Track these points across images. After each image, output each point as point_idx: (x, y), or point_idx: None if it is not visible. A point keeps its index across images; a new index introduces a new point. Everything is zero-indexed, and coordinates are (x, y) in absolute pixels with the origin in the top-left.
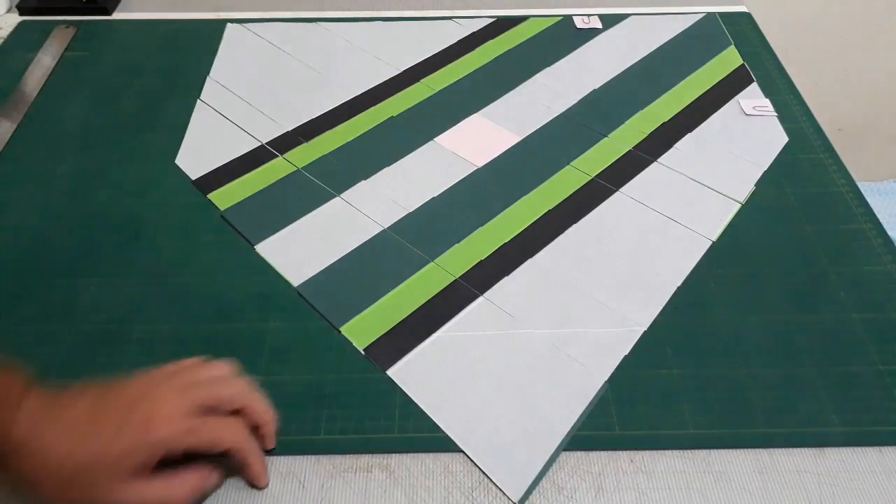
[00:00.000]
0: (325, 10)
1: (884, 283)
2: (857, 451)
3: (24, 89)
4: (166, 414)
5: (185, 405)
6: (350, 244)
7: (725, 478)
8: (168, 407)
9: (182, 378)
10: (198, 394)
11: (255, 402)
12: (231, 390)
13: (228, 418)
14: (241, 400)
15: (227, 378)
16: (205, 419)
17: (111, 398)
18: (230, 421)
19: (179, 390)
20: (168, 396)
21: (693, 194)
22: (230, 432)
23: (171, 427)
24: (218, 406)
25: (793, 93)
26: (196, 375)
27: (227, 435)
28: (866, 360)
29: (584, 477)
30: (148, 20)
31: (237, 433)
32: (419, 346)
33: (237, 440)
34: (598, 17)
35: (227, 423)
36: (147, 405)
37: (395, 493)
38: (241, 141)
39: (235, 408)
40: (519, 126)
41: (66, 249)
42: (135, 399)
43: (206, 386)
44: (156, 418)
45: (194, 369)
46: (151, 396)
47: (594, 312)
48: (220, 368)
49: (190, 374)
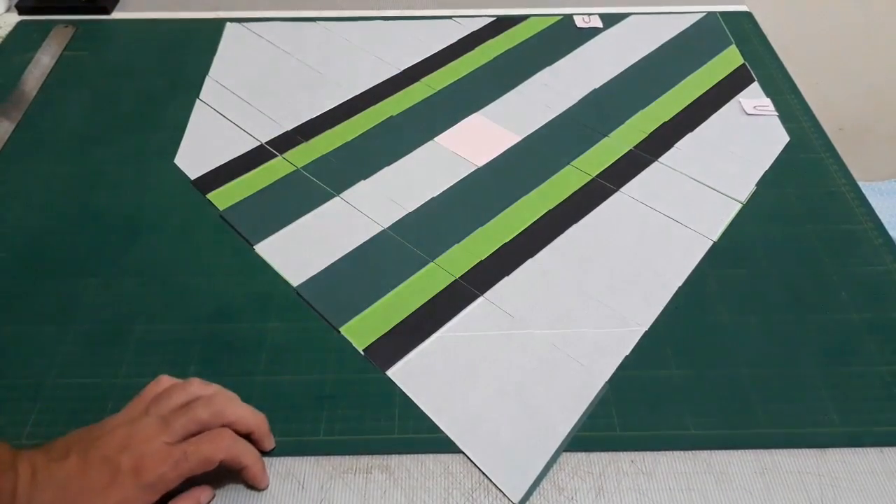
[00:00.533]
0: (325, 10)
1: (884, 283)
2: (858, 451)
3: (23, 89)
4: (153, 453)
5: (168, 438)
6: (350, 244)
7: (726, 478)
8: (153, 446)
9: (158, 409)
10: (178, 422)
11: (236, 413)
12: (210, 409)
13: (212, 433)
14: (221, 417)
15: (202, 396)
16: (190, 442)
17: (97, 450)
18: (214, 435)
19: (160, 425)
20: (151, 434)
21: (694, 194)
22: (218, 446)
23: (162, 466)
24: (200, 429)
25: (794, 92)
26: (170, 402)
27: (215, 450)
28: (867, 360)
29: (585, 478)
30: (147, 20)
31: (225, 444)
32: (419, 346)
33: (227, 451)
34: (599, 16)
35: (211, 438)
36: (133, 449)
37: (395, 494)
38: (240, 140)
39: (219, 426)
40: (519, 126)
41: (65, 249)
42: (120, 445)
43: (184, 412)
44: (145, 460)
45: (168, 396)
46: (135, 439)
47: (594, 312)
48: (192, 387)
49: (164, 403)
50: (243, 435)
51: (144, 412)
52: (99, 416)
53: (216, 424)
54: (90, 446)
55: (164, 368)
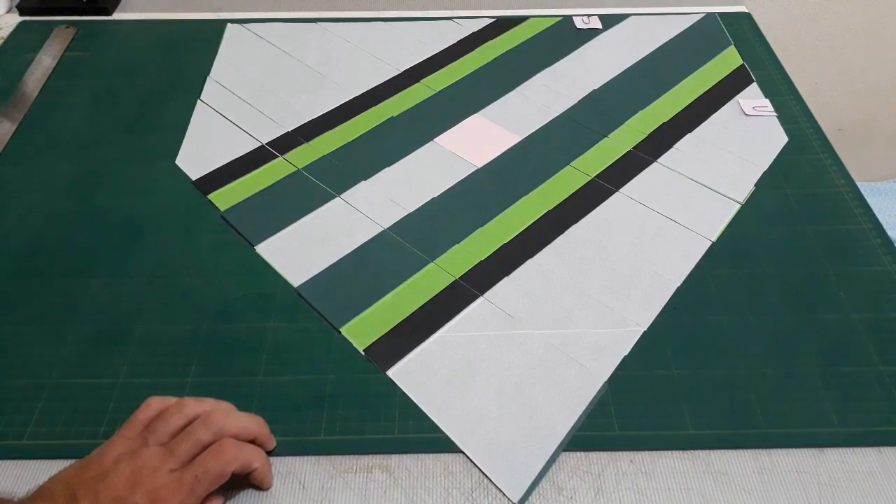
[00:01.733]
0: (325, 10)
1: (884, 283)
2: (856, 451)
3: (24, 89)
4: (165, 485)
5: (174, 466)
6: (350, 244)
7: (725, 478)
8: (162, 478)
9: (157, 437)
10: (181, 448)
11: (237, 426)
12: (210, 430)
13: (214, 447)
14: (222, 434)
15: (198, 414)
16: (197, 464)
17: (107, 490)
18: (218, 450)
19: (163, 453)
20: (156, 465)
21: (693, 194)
22: (225, 460)
23: (177, 495)
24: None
25: (792, 93)
26: (167, 427)
27: (225, 464)
28: (866, 360)
29: (584, 477)
30: (148, 20)
31: (231, 455)
32: (419, 346)
33: (235, 461)
34: (598, 17)
35: (216, 454)
36: (144, 484)
37: (395, 494)
38: (241, 141)
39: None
40: (519, 126)
41: (66, 249)
42: (129, 483)
43: (185, 437)
44: (160, 493)
45: (163, 420)
46: (142, 473)
47: (594, 313)
48: (186, 408)
49: (161, 429)
50: (247, 441)
51: (143, 442)
52: (99, 417)
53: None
54: (98, 487)
55: (164, 369)
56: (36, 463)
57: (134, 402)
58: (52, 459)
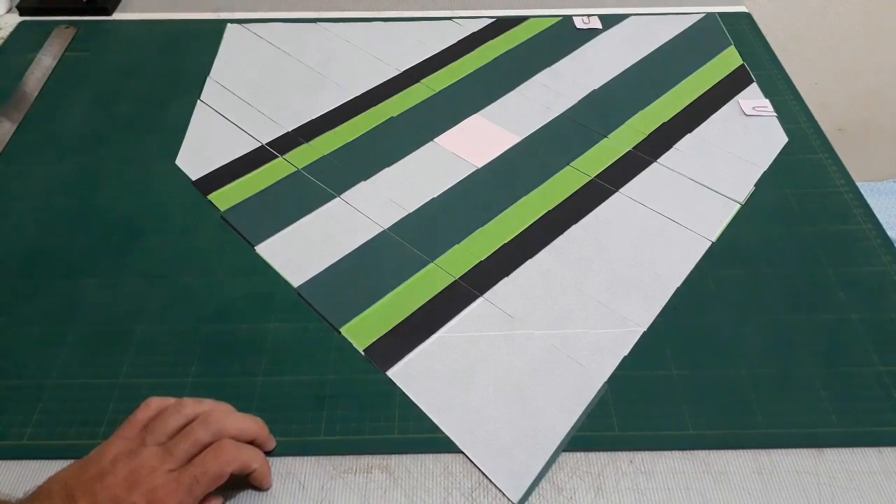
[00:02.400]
0: (325, 10)
1: (883, 283)
2: (856, 451)
3: (24, 89)
4: (163, 485)
5: (173, 466)
6: (350, 245)
7: (725, 478)
8: (160, 478)
9: (155, 437)
10: (180, 448)
11: (236, 427)
12: (209, 430)
13: (213, 448)
14: (221, 435)
15: (197, 415)
16: (195, 464)
17: (104, 490)
18: (217, 450)
19: (161, 454)
20: (155, 465)
21: (693, 195)
22: (224, 460)
23: (176, 496)
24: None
25: (792, 93)
26: (166, 427)
27: (223, 465)
28: (866, 360)
29: (584, 478)
30: (148, 20)
31: (229, 456)
32: (419, 346)
33: (234, 462)
34: (598, 17)
35: (215, 454)
36: (142, 485)
37: (395, 494)
38: (241, 141)
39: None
40: (519, 126)
41: (66, 249)
42: (127, 483)
43: (184, 437)
44: (158, 494)
45: (162, 420)
46: (140, 473)
47: (594, 313)
48: (185, 408)
49: (160, 429)
50: (246, 442)
51: (141, 442)
52: (99, 417)
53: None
54: (96, 487)
55: (164, 369)
56: (36, 463)
57: (134, 402)
58: (51, 459)
